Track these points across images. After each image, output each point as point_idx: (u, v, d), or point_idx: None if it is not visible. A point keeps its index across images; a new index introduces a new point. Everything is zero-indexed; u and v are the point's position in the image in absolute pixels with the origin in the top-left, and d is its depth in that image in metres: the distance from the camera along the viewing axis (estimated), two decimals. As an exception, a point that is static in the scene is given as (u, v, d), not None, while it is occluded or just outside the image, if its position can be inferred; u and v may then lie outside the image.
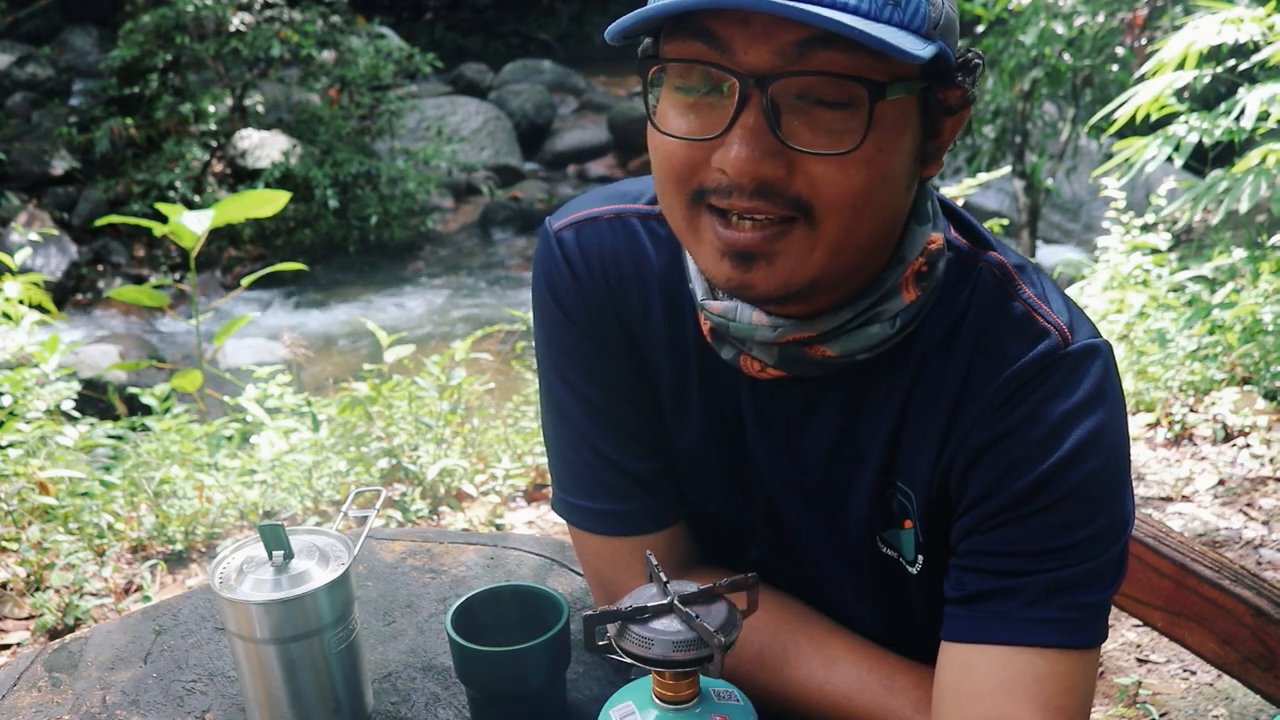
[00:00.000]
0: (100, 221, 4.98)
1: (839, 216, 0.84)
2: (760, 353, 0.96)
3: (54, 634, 2.61)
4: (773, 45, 0.80)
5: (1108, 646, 2.63)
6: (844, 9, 0.78)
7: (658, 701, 0.84)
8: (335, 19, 8.24)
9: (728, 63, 0.82)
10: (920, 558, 1.00)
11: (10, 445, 3.11)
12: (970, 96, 0.89)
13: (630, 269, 1.04)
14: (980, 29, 6.14)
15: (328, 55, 8.27)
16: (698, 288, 0.99)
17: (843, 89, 0.81)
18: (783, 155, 0.82)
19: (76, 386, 3.42)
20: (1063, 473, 0.90)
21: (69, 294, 7.08)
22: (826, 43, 0.79)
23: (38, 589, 2.74)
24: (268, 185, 7.27)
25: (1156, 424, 3.74)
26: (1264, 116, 3.30)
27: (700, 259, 0.91)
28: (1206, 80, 3.51)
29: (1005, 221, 5.30)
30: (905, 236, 0.94)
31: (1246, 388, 3.80)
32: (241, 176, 7.95)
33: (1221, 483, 3.36)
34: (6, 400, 3.22)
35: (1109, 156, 3.82)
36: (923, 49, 0.80)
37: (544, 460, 3.39)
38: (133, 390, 4.40)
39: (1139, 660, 2.60)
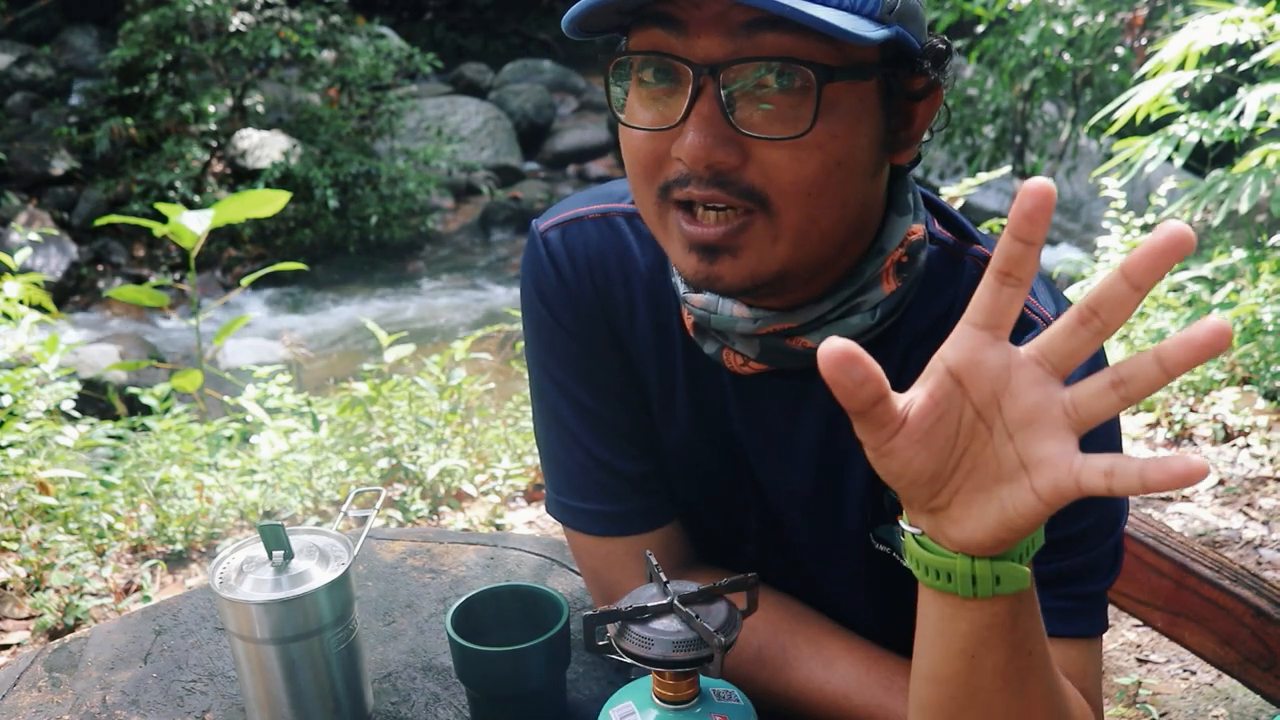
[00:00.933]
0: (100, 221, 4.98)
1: (795, 205, 0.85)
2: (742, 346, 0.97)
3: (54, 634, 2.61)
4: (723, 27, 0.81)
5: (1108, 647, 2.63)
6: None
7: (658, 701, 0.84)
8: (335, 19, 8.24)
9: (682, 50, 0.83)
10: None
11: (10, 445, 3.11)
12: (936, 82, 0.89)
13: (616, 268, 1.05)
14: (980, 29, 6.14)
15: (328, 55, 8.28)
16: (680, 283, 0.99)
17: (793, 74, 0.82)
18: (736, 142, 0.83)
19: (76, 386, 3.42)
20: None
21: (69, 294, 7.08)
22: (774, 24, 0.80)
23: (38, 589, 2.74)
24: (268, 185, 7.27)
25: (1156, 424, 3.74)
26: (1264, 116, 3.31)
27: (671, 253, 0.92)
28: (1206, 80, 3.51)
29: (1005, 221, 5.30)
30: (884, 227, 0.94)
31: (1246, 388, 3.80)
32: (241, 176, 7.96)
33: (1221, 483, 3.36)
34: (6, 400, 3.22)
35: (1109, 156, 3.82)
36: (871, 32, 0.80)
37: (544, 460, 3.40)
38: (133, 390, 4.41)
39: (1139, 660, 2.60)
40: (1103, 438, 0.92)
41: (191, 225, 3.75)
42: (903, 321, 0.96)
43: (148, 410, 3.82)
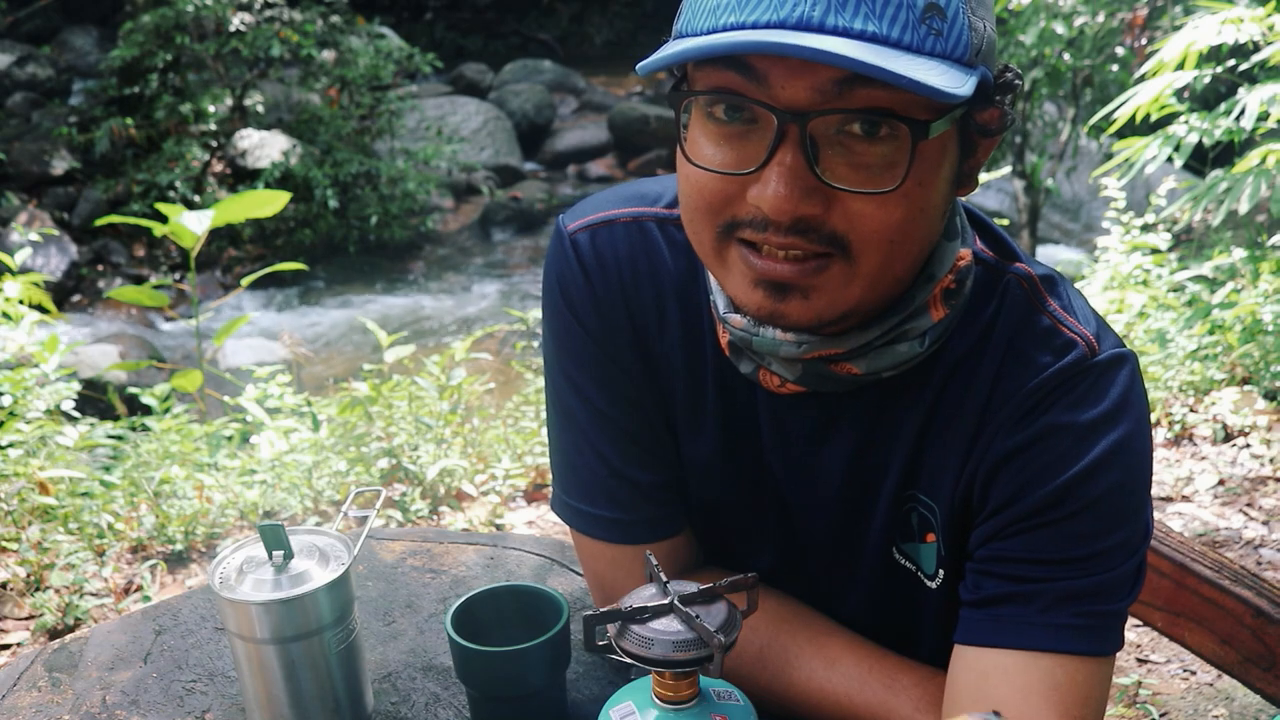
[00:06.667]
0: (100, 221, 4.98)
1: (877, 252, 0.82)
2: (781, 368, 0.94)
3: (54, 634, 2.61)
4: (811, 81, 0.77)
5: (1108, 646, 2.63)
6: (885, 42, 0.76)
7: (658, 701, 0.84)
8: (335, 19, 8.24)
9: (764, 97, 0.79)
10: (941, 572, 0.99)
11: (10, 445, 3.11)
12: (1009, 118, 0.86)
13: (647, 276, 1.02)
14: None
15: (328, 55, 8.27)
16: (719, 300, 0.96)
17: (881, 124, 0.79)
18: (821, 193, 0.80)
19: (76, 386, 3.42)
20: (1084, 484, 0.89)
21: (69, 294, 7.07)
22: (867, 80, 0.76)
23: (38, 589, 2.74)
24: (268, 185, 7.27)
25: (1156, 424, 3.74)
26: (1264, 116, 3.30)
27: (729, 286, 0.88)
28: (1206, 80, 3.51)
29: (1005, 222, 5.31)
30: (934, 253, 0.92)
31: (1246, 388, 3.80)
32: (241, 176, 7.95)
33: (1221, 483, 3.36)
34: (6, 400, 3.22)
35: (1109, 156, 3.82)
36: (964, 85, 0.77)
37: (544, 460, 3.40)
38: (133, 390, 4.41)
39: (1139, 660, 2.60)
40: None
41: (191, 225, 3.75)
42: (944, 346, 0.94)
43: (148, 410, 3.82)
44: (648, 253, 1.03)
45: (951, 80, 0.76)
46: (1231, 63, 3.62)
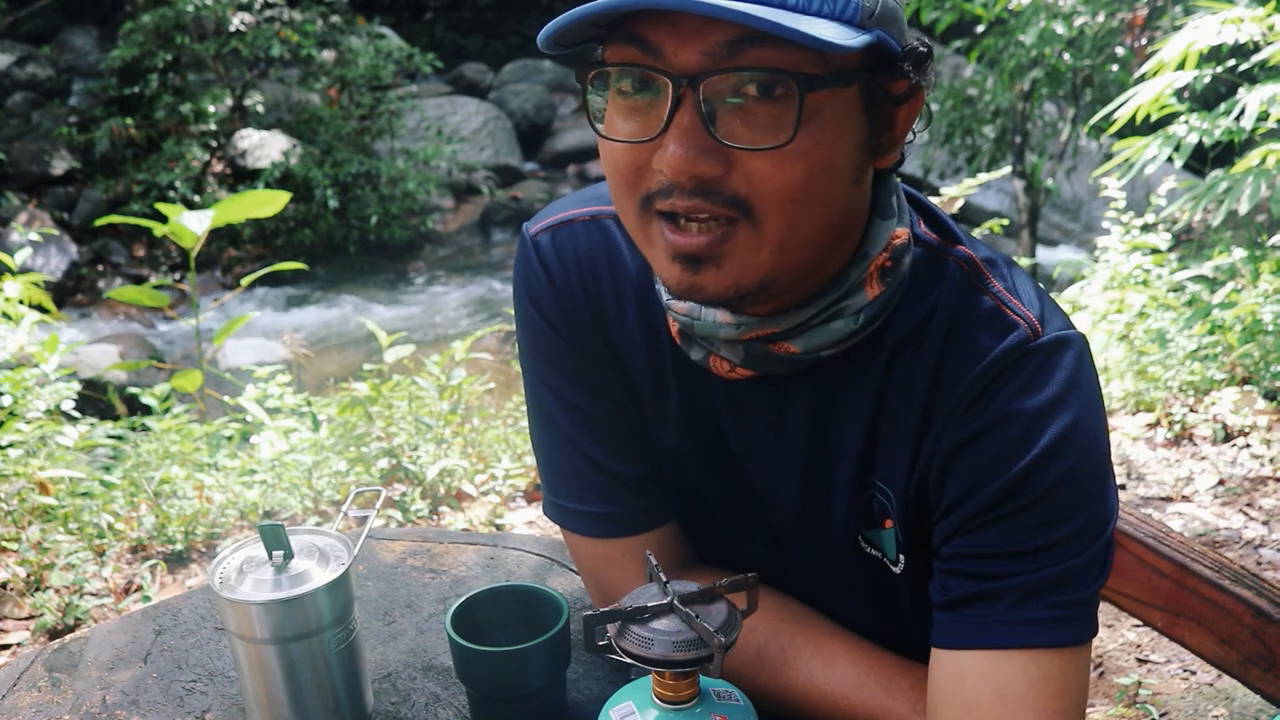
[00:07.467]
0: (100, 221, 4.98)
1: (779, 213, 0.84)
2: (727, 351, 0.96)
3: (54, 634, 2.61)
4: (701, 46, 0.80)
5: (1108, 646, 2.63)
6: (770, 4, 0.79)
7: (658, 701, 0.84)
8: (335, 19, 8.25)
9: (659, 64, 0.82)
10: (902, 557, 1.00)
11: (10, 445, 3.11)
12: (918, 85, 0.88)
13: (606, 271, 1.05)
14: (980, 29, 6.14)
15: (328, 55, 8.28)
16: (663, 290, 0.98)
17: (774, 83, 0.81)
18: (719, 153, 0.82)
19: (76, 386, 3.42)
20: (1038, 472, 0.89)
21: (69, 294, 7.08)
22: (755, 40, 0.79)
23: (38, 589, 2.74)
24: (268, 185, 7.28)
25: (1156, 424, 3.74)
26: (1264, 116, 3.30)
27: (654, 263, 0.91)
28: (1206, 80, 3.51)
29: (1005, 221, 5.30)
30: (868, 231, 0.94)
31: (1246, 388, 3.80)
32: (241, 176, 7.96)
33: (1221, 483, 3.36)
34: (6, 400, 3.22)
35: (1109, 156, 3.82)
36: (851, 39, 0.80)
37: (544, 460, 3.40)
38: (133, 390, 4.41)
39: (1139, 660, 2.60)
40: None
41: (191, 225, 3.75)
42: (886, 327, 0.95)
43: (148, 410, 3.82)
44: (606, 250, 1.05)
45: (835, 35, 0.79)
46: (1231, 63, 3.63)
